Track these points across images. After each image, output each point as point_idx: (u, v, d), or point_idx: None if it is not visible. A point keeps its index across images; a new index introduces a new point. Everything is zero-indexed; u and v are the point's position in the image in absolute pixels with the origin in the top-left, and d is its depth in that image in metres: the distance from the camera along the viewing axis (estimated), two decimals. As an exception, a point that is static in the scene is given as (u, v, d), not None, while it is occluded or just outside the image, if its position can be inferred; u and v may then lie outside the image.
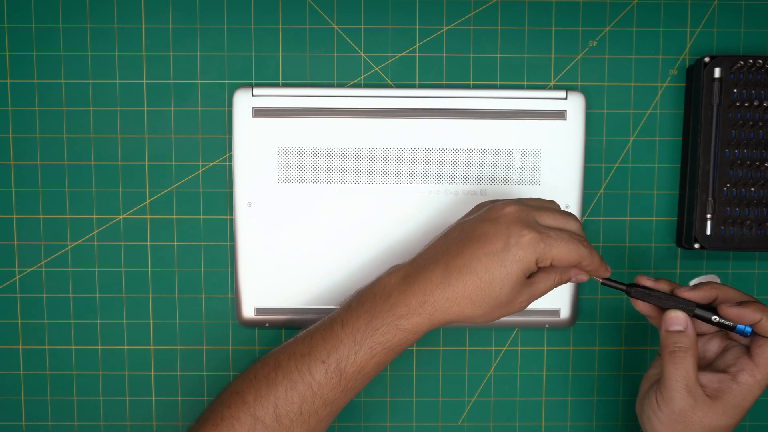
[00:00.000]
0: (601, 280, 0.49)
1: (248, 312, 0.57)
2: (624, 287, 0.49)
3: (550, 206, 0.49)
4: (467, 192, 0.56)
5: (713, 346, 0.50)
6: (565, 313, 0.58)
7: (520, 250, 0.45)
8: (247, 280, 0.57)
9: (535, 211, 0.47)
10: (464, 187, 0.56)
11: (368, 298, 0.47)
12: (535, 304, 0.57)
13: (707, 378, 0.47)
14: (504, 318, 0.57)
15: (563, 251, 0.45)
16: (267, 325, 0.58)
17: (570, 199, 0.57)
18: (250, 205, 0.56)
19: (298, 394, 0.46)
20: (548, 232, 0.45)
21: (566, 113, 0.56)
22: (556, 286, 0.48)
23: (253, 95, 0.56)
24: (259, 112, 0.56)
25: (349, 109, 0.56)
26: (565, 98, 0.56)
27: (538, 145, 0.56)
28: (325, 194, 0.56)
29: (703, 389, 0.47)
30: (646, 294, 0.49)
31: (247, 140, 0.56)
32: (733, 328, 0.47)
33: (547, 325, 0.58)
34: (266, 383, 0.47)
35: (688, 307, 0.48)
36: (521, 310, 0.48)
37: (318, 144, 0.56)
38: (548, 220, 0.47)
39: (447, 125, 0.56)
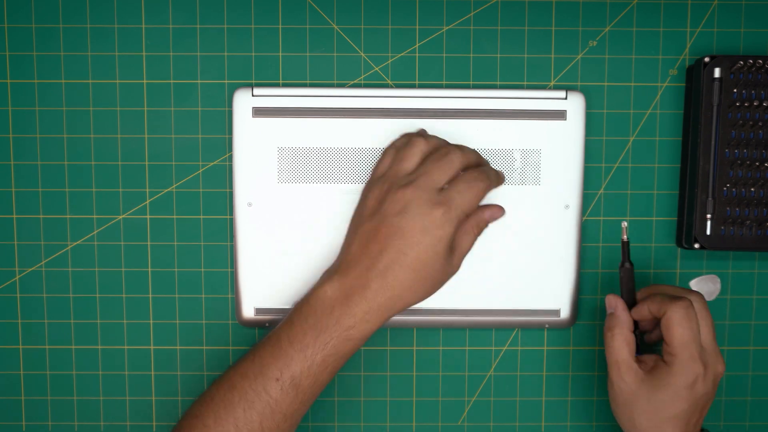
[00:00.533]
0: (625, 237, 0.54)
1: (248, 312, 0.57)
2: (623, 263, 0.54)
3: (437, 156, 0.50)
4: None
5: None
6: (565, 313, 0.58)
7: (438, 230, 0.47)
8: (247, 280, 0.57)
9: (427, 179, 0.49)
10: None
11: (311, 313, 0.47)
12: (536, 304, 0.57)
13: (646, 357, 0.52)
14: (504, 318, 0.57)
15: (470, 201, 0.49)
16: (267, 325, 0.58)
17: (570, 199, 0.57)
18: (250, 205, 0.56)
19: (257, 412, 0.47)
20: (449, 194, 0.48)
21: (566, 113, 0.56)
22: (479, 235, 0.52)
23: (253, 95, 0.56)
24: (259, 112, 0.56)
25: (349, 109, 0.56)
26: (565, 98, 0.56)
27: (538, 145, 0.56)
28: (325, 194, 0.56)
29: (642, 366, 0.51)
30: (624, 280, 0.54)
31: (247, 140, 0.56)
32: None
33: (547, 325, 0.58)
34: (224, 405, 0.47)
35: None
36: (457, 271, 0.51)
37: (318, 144, 0.56)
38: (441, 176, 0.49)
39: (447, 125, 0.56)
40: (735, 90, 0.55)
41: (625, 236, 0.54)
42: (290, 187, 0.56)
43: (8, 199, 0.58)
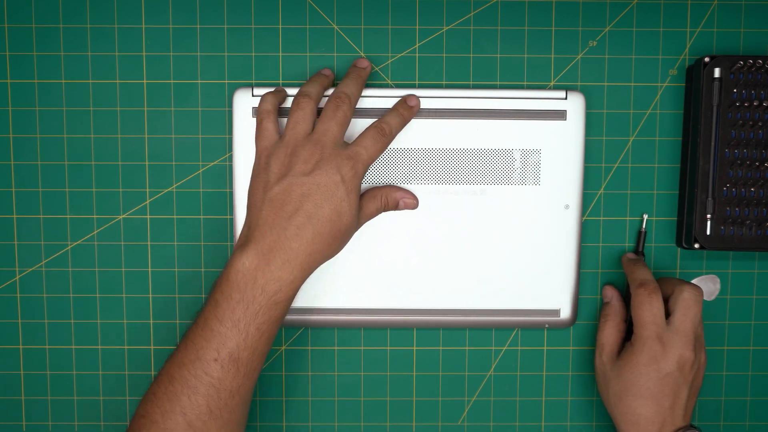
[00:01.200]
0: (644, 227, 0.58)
1: None
2: (636, 251, 0.58)
3: (330, 111, 0.51)
4: (467, 192, 0.56)
5: None
6: (565, 313, 0.58)
7: (349, 183, 0.49)
8: None
9: (330, 135, 0.50)
10: (464, 187, 0.56)
11: (234, 288, 0.47)
12: (536, 304, 0.57)
13: (628, 343, 0.55)
14: (504, 318, 0.58)
15: (375, 154, 0.51)
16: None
17: (570, 199, 0.57)
18: None
19: (201, 396, 0.47)
20: (355, 149, 0.50)
21: (566, 113, 0.56)
22: (383, 210, 0.55)
23: (253, 95, 0.56)
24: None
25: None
26: (565, 98, 0.56)
27: (538, 145, 0.56)
28: None
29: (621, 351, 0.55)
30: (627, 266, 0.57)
31: (247, 140, 0.56)
32: None
33: (547, 325, 0.58)
34: (167, 398, 0.47)
35: None
36: (359, 227, 0.54)
37: None
38: (341, 130, 0.51)
39: (446, 125, 0.56)
40: (735, 90, 0.55)
41: (644, 227, 0.58)
42: None
43: (8, 199, 0.58)
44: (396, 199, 0.55)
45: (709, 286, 0.59)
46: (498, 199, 0.56)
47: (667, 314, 0.53)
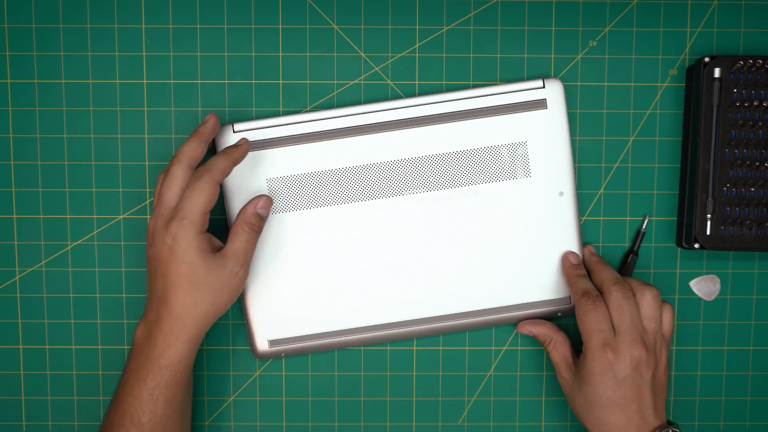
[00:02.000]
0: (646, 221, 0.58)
1: (262, 345, 0.57)
2: (630, 251, 0.59)
3: (163, 180, 0.52)
4: (460, 194, 0.56)
5: None
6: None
7: (182, 241, 0.49)
8: (257, 314, 0.57)
9: (159, 204, 0.51)
10: (456, 190, 0.56)
11: (131, 357, 0.52)
12: (545, 295, 0.57)
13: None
14: (516, 313, 0.58)
15: (201, 201, 0.50)
16: (283, 355, 0.58)
17: (563, 186, 0.56)
18: None
19: None
20: (180, 205, 0.50)
21: (546, 102, 0.56)
22: (257, 231, 0.53)
23: (234, 132, 0.56)
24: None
25: (331, 130, 0.56)
26: (543, 87, 0.56)
27: (524, 137, 0.56)
28: (319, 218, 0.56)
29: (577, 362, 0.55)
30: (629, 268, 0.59)
31: (235, 176, 0.56)
32: None
33: (559, 313, 0.58)
34: None
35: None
36: (245, 275, 0.53)
37: (304, 169, 0.56)
38: (170, 194, 0.51)
39: (429, 132, 0.56)
40: (735, 90, 0.55)
41: (644, 227, 0.58)
42: (285, 215, 0.56)
43: (8, 199, 0.58)
44: (252, 213, 0.53)
45: (709, 286, 0.59)
46: (492, 196, 0.56)
47: None
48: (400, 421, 0.60)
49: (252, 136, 0.56)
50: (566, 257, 0.57)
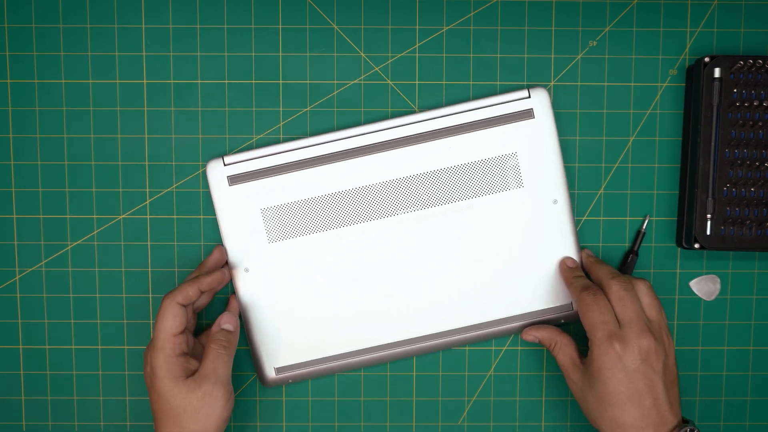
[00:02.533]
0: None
1: (270, 373, 0.58)
2: (630, 251, 0.59)
3: None
4: (455, 210, 0.56)
5: None
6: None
7: (146, 367, 0.52)
8: (263, 343, 0.57)
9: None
10: (450, 206, 0.56)
11: None
12: (546, 303, 0.57)
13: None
14: (519, 324, 0.58)
15: (166, 325, 0.51)
16: (290, 381, 0.58)
17: (557, 194, 0.57)
18: (247, 270, 0.57)
19: None
20: (153, 334, 0.51)
21: (533, 111, 0.56)
22: (229, 347, 0.53)
23: (224, 164, 0.56)
24: (234, 179, 0.56)
25: (321, 156, 0.56)
26: (529, 96, 0.56)
27: (513, 148, 0.56)
28: (316, 244, 0.57)
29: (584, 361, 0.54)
30: (629, 267, 0.59)
31: (229, 208, 0.56)
32: None
33: (562, 320, 0.58)
34: None
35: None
36: (226, 395, 0.52)
37: (297, 197, 0.56)
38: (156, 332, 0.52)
39: (418, 150, 0.56)
40: (735, 90, 0.55)
41: (644, 227, 0.58)
42: (282, 244, 0.57)
43: (8, 199, 0.58)
44: (214, 330, 0.54)
45: (709, 286, 0.59)
46: (486, 209, 0.57)
47: None
48: (400, 421, 0.60)
49: (244, 167, 0.56)
50: (563, 262, 0.57)
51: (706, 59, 0.55)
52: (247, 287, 0.57)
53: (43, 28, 0.57)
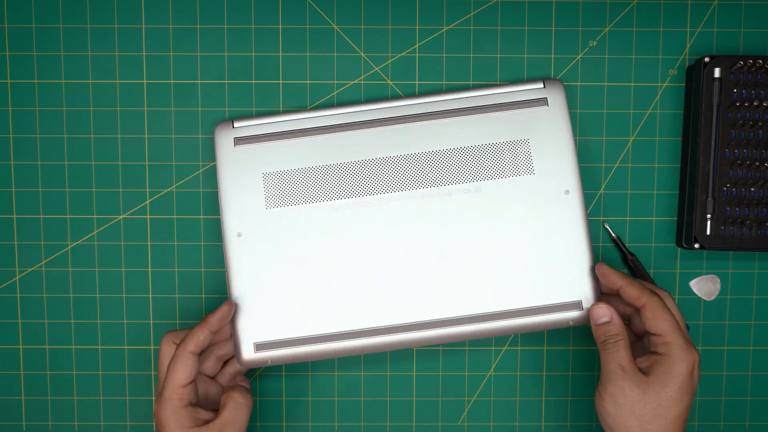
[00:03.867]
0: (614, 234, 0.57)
1: (248, 350, 0.54)
2: (625, 256, 0.58)
3: None
4: (461, 191, 0.55)
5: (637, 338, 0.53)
6: (587, 303, 0.54)
7: (162, 419, 0.50)
8: (244, 315, 0.54)
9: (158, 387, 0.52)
10: (458, 187, 0.55)
11: None
12: (551, 298, 0.54)
13: (640, 360, 0.50)
14: (515, 320, 0.54)
15: (174, 370, 0.50)
16: (270, 362, 0.54)
17: (569, 185, 0.55)
18: (239, 235, 0.55)
19: None
20: (162, 385, 0.50)
21: (547, 100, 0.55)
22: (240, 400, 0.52)
23: (233, 127, 0.55)
24: (240, 140, 0.55)
25: (331, 125, 0.55)
26: (543, 87, 0.55)
27: (525, 135, 0.55)
28: (315, 214, 0.55)
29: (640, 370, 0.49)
30: (638, 267, 0.58)
31: (231, 170, 0.55)
32: None
33: (571, 322, 0.54)
34: None
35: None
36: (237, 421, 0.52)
37: (303, 164, 0.55)
38: (167, 375, 0.51)
39: (429, 127, 0.55)
40: (735, 90, 0.55)
41: (613, 234, 0.57)
42: (279, 211, 0.55)
43: (8, 199, 0.58)
44: (240, 380, 0.55)
45: (709, 286, 0.59)
46: (494, 193, 0.55)
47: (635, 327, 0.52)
48: (400, 421, 0.60)
49: (252, 131, 0.55)
50: (593, 315, 0.51)
51: (706, 59, 0.55)
52: (237, 252, 0.54)
53: (43, 28, 0.57)
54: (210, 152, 0.58)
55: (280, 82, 0.58)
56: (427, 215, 0.55)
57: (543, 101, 0.55)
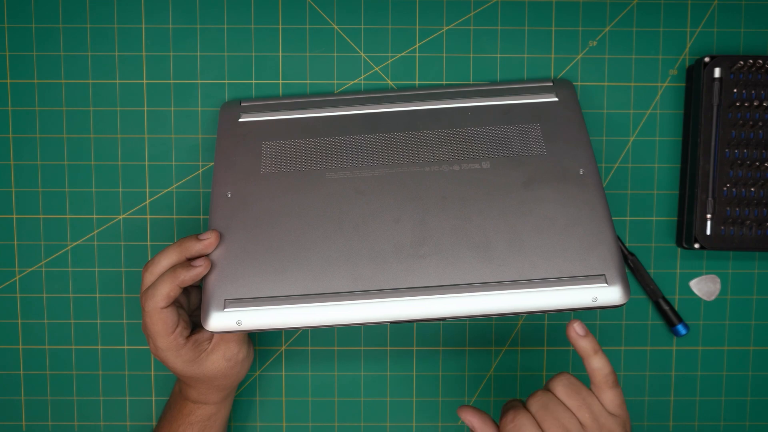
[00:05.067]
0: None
1: (217, 306, 0.47)
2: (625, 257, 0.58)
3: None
4: (469, 169, 0.52)
5: None
6: (612, 281, 0.48)
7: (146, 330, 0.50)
8: (218, 269, 0.49)
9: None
10: (465, 165, 0.52)
11: (166, 409, 0.56)
12: (578, 271, 0.48)
13: None
14: (544, 290, 0.48)
15: (158, 290, 0.48)
16: (240, 325, 0.47)
17: (583, 163, 0.52)
18: (229, 195, 0.52)
19: None
20: (146, 292, 0.48)
21: (555, 92, 0.55)
22: (179, 282, 0.47)
23: (240, 105, 0.56)
24: (245, 111, 0.56)
25: (343, 99, 0.56)
26: (552, 84, 0.56)
27: (537, 115, 0.54)
28: (313, 180, 0.52)
29: None
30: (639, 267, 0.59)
31: (231, 134, 0.55)
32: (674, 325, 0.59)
33: (597, 298, 0.47)
34: None
35: (654, 293, 0.59)
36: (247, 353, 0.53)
37: (306, 137, 0.54)
38: (143, 303, 0.49)
39: (436, 108, 0.55)
40: (735, 90, 0.55)
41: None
42: (275, 176, 0.52)
43: (8, 199, 0.58)
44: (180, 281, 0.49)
45: (709, 286, 0.59)
46: (503, 171, 0.52)
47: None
48: (400, 421, 0.60)
49: (257, 110, 0.56)
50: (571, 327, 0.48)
51: (706, 59, 0.55)
52: (222, 212, 0.51)
53: (43, 28, 0.57)
54: (210, 152, 0.58)
55: (280, 82, 0.58)
56: (431, 188, 0.51)
57: (551, 91, 0.55)
